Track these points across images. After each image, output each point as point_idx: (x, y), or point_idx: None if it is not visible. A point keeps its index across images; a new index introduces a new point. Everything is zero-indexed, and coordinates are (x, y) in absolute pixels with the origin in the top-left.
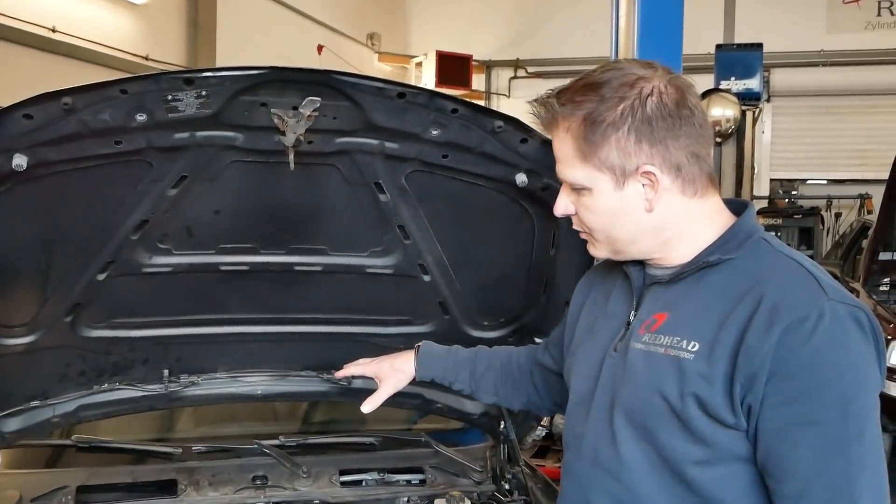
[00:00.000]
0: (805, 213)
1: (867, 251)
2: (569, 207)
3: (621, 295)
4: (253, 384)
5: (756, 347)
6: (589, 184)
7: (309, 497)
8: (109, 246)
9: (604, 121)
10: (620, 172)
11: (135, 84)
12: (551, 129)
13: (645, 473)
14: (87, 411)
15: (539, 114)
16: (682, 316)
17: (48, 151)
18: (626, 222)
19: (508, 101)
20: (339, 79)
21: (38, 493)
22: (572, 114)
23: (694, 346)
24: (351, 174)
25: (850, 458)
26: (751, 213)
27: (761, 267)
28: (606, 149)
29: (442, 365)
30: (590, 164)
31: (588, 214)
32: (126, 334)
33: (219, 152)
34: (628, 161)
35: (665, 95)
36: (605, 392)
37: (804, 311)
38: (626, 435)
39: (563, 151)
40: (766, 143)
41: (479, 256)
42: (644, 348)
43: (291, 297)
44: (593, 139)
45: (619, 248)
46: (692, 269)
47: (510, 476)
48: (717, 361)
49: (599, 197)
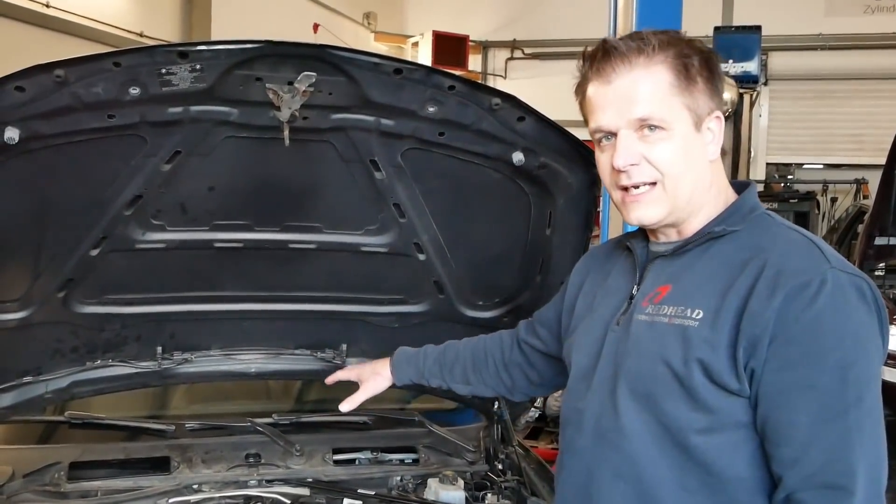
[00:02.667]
0: (801, 197)
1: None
2: (635, 156)
3: (623, 271)
4: (246, 362)
5: (759, 312)
6: (672, 121)
7: (302, 475)
8: (102, 221)
9: (693, 64)
10: (700, 114)
11: (128, 57)
12: (640, 59)
13: (646, 443)
14: (80, 387)
15: (627, 45)
16: (685, 286)
17: (40, 125)
18: (696, 165)
19: (505, 82)
20: (335, 54)
21: (30, 469)
22: (668, 48)
23: (698, 313)
24: (346, 151)
25: (848, 423)
26: (753, 191)
27: (764, 237)
28: (696, 88)
29: (414, 366)
30: (680, 100)
31: (661, 159)
32: (119, 311)
33: (213, 127)
34: (707, 103)
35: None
36: (607, 365)
37: (806, 276)
38: (629, 405)
39: (652, 86)
40: (762, 127)
41: (475, 236)
42: (648, 319)
43: (285, 274)
44: (689, 74)
45: (680, 199)
46: (698, 240)
47: (503, 456)
48: (721, 328)
49: (676, 139)
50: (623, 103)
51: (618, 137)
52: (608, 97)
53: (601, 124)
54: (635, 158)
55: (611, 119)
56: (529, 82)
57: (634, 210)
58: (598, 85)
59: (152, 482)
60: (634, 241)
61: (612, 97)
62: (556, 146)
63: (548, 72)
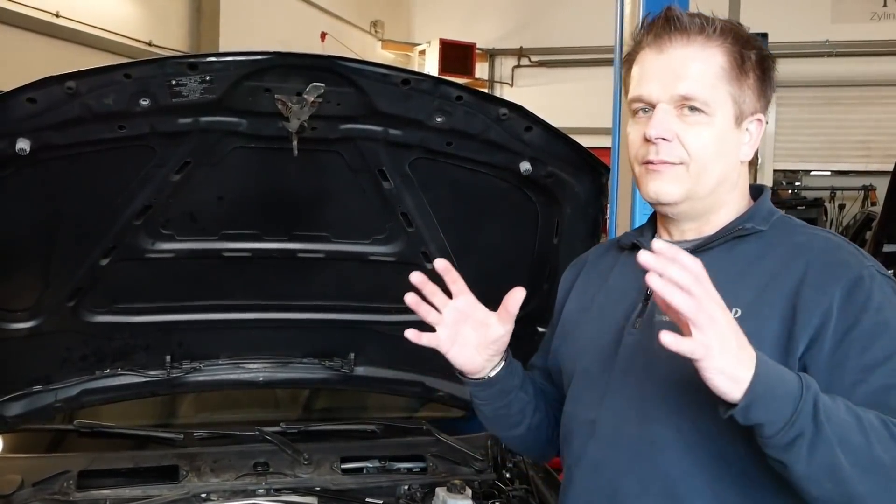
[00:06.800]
0: (808, 204)
1: (871, 243)
2: (670, 131)
3: (629, 271)
4: (255, 371)
5: (816, 302)
6: (715, 107)
7: (310, 484)
8: (112, 231)
9: (750, 57)
10: (744, 110)
11: (139, 69)
12: (699, 37)
13: (679, 452)
14: (89, 396)
15: (690, 19)
16: (714, 285)
17: (52, 135)
18: (726, 160)
19: (512, 89)
20: (344, 65)
21: (39, 478)
22: (729, 34)
23: (736, 311)
24: (354, 161)
25: None
26: (769, 195)
27: (797, 237)
28: (746, 82)
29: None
30: (728, 88)
31: (694, 143)
32: (128, 320)
33: (222, 138)
34: (753, 102)
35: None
36: (627, 371)
37: (857, 271)
38: (658, 413)
39: (704, 66)
40: (769, 134)
41: (482, 244)
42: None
43: (294, 283)
44: (743, 67)
45: (702, 187)
46: (723, 238)
47: (511, 465)
48: (764, 322)
49: (714, 127)
50: (670, 76)
51: (656, 110)
52: (656, 67)
53: (642, 93)
54: (669, 134)
55: (653, 90)
56: (536, 90)
57: (654, 180)
58: (650, 52)
59: (161, 491)
60: (641, 238)
61: (661, 67)
62: (564, 155)
63: (555, 79)
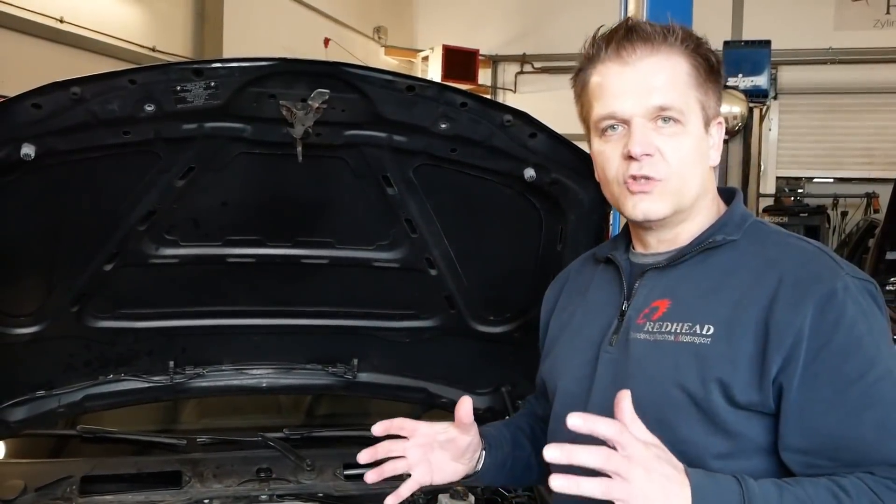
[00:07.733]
0: (811, 211)
1: (874, 250)
2: (652, 145)
3: (605, 285)
4: (258, 377)
5: (788, 322)
6: (689, 115)
7: (313, 490)
8: (116, 236)
9: (712, 60)
10: (709, 114)
11: (144, 74)
12: (664, 45)
13: None
14: (93, 402)
15: (651, 27)
16: (687, 300)
17: (56, 141)
18: (703, 167)
19: (515, 96)
20: (349, 71)
21: (42, 483)
22: (689, 40)
23: (709, 329)
24: (359, 167)
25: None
26: (741, 198)
27: (770, 247)
28: (709, 87)
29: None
30: (696, 94)
31: (674, 151)
32: (132, 325)
33: (227, 144)
34: (715, 105)
35: None
36: (604, 390)
37: (830, 285)
38: None
39: (672, 74)
40: (772, 141)
41: (486, 251)
42: (649, 338)
43: (297, 289)
44: (707, 70)
45: (686, 199)
46: (694, 250)
47: None
48: (738, 341)
49: (689, 136)
50: (642, 89)
51: (632, 125)
52: (623, 80)
53: (615, 110)
54: (651, 149)
55: (626, 105)
56: (539, 96)
57: (642, 202)
58: (613, 66)
59: (164, 496)
60: (616, 252)
61: (629, 80)
62: (568, 162)
63: (557, 86)
